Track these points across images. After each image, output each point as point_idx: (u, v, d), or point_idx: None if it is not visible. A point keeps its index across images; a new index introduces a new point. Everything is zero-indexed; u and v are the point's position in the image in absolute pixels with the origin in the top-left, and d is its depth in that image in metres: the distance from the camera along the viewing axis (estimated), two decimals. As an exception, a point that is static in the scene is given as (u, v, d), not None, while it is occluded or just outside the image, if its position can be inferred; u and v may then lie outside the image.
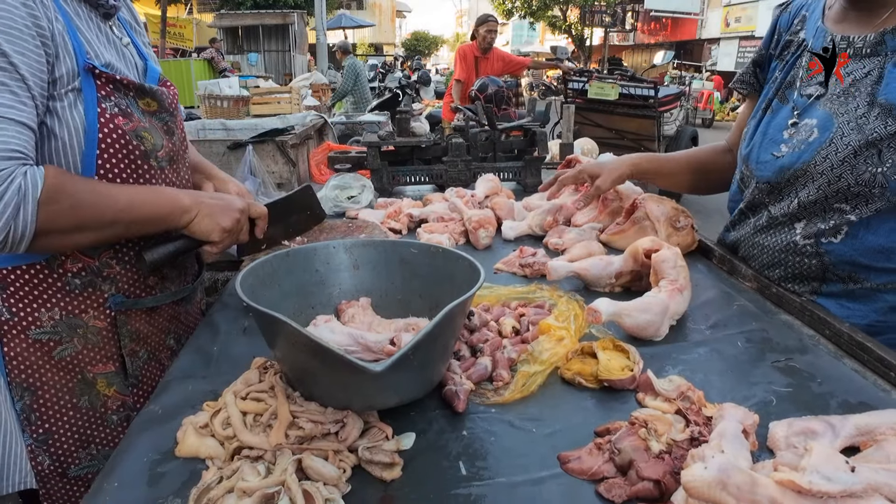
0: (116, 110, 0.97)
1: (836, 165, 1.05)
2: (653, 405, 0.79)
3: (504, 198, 1.69)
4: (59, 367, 1.01)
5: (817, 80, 1.13)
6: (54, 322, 1.00)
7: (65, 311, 1.00)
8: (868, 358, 0.94)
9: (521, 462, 0.72)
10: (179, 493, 0.69)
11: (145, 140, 1.02)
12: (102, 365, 1.05)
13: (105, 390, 1.06)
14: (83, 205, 0.89)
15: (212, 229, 1.03)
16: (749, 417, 0.74)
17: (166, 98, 1.09)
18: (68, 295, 1.00)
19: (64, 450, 1.06)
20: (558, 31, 25.27)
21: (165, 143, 1.08)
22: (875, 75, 1.03)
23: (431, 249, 1.01)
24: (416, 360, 0.73)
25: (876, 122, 1.01)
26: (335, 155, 2.16)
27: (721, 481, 0.59)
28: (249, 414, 0.77)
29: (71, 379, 1.03)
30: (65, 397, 1.03)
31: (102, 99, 0.96)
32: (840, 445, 0.73)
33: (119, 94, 0.99)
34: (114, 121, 0.97)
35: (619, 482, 0.67)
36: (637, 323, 0.98)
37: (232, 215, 1.05)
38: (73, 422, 1.05)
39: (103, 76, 0.96)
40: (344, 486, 0.67)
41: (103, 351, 1.05)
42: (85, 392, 1.05)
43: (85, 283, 1.01)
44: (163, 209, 0.98)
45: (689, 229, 1.40)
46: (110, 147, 0.96)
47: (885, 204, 1.02)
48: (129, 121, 0.99)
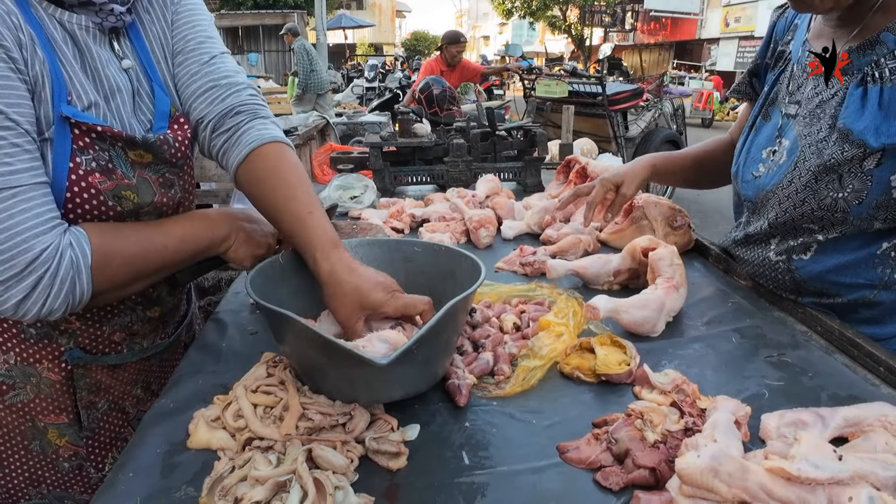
0: (94, 165, 0.84)
1: (800, 189, 1.03)
2: (649, 398, 0.82)
3: (504, 198, 1.72)
4: (10, 409, 0.96)
5: (794, 100, 1.10)
6: (8, 366, 0.94)
7: (20, 358, 0.94)
8: (858, 353, 0.97)
9: (522, 452, 0.75)
10: (192, 482, 0.71)
11: (125, 200, 0.89)
12: (55, 416, 0.98)
13: (56, 440, 0.99)
14: (134, 259, 0.86)
15: (246, 257, 0.99)
16: (741, 409, 0.77)
17: (167, 149, 0.94)
18: (23, 342, 0.94)
19: (14, 485, 1.01)
20: (558, 31, 25.30)
21: (158, 198, 0.94)
22: (840, 97, 1.00)
23: (434, 248, 1.04)
24: (420, 355, 0.75)
25: (834, 147, 0.98)
26: (338, 155, 2.19)
27: (713, 468, 0.62)
28: (259, 406, 0.80)
29: (22, 423, 0.97)
30: (16, 438, 0.97)
31: (78, 152, 0.83)
32: (829, 436, 0.76)
33: (102, 145, 0.86)
34: (87, 178, 0.84)
35: (616, 470, 0.69)
36: (634, 319, 1.01)
37: (266, 242, 1.01)
38: (24, 462, 0.99)
39: (82, 126, 0.83)
40: (352, 475, 0.70)
41: (56, 402, 0.97)
42: (36, 437, 0.98)
43: (40, 335, 0.94)
44: (202, 244, 0.95)
45: (685, 228, 1.42)
46: (78, 207, 0.84)
47: (849, 228, 1.01)
48: (108, 179, 0.86)
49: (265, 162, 0.97)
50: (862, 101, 0.96)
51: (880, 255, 1.02)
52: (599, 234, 1.49)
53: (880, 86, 0.94)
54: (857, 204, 0.97)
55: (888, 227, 1.00)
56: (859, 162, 0.96)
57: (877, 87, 0.95)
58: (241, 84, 1.03)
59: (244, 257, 0.99)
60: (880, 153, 0.94)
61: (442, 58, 5.51)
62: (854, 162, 0.96)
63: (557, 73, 7.09)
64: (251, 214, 1.03)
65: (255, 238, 1.00)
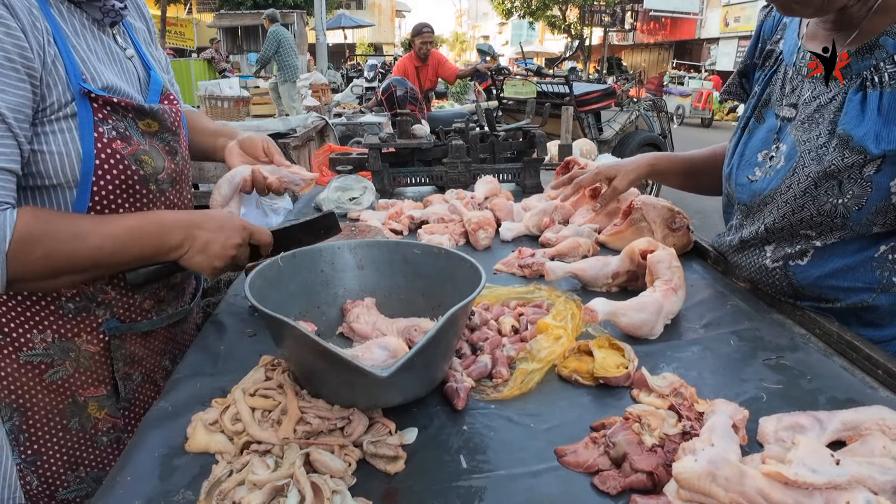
0: (114, 134, 0.94)
1: (798, 195, 1.03)
2: (647, 401, 0.82)
3: (503, 199, 1.72)
4: (49, 389, 1.00)
5: (790, 102, 1.09)
6: (47, 344, 0.98)
7: (57, 335, 0.99)
8: (856, 356, 0.97)
9: (520, 456, 0.75)
10: (191, 486, 0.71)
11: (145, 164, 0.98)
12: (94, 388, 1.03)
13: (96, 413, 1.04)
14: (58, 253, 0.85)
15: (203, 268, 0.97)
16: (739, 413, 0.77)
17: (168, 117, 1.05)
18: (61, 318, 0.98)
19: (52, 472, 1.04)
20: (557, 31, 25.30)
21: (167, 164, 1.04)
22: (838, 102, 0.99)
23: (434, 250, 1.04)
24: (419, 363, 0.75)
25: (834, 154, 0.97)
26: (337, 156, 2.19)
27: (710, 473, 0.62)
28: (257, 410, 0.80)
29: (62, 401, 1.01)
30: (55, 419, 1.01)
31: (99, 123, 0.92)
32: (827, 440, 0.76)
33: (117, 116, 0.95)
34: (111, 146, 0.93)
35: (614, 474, 0.69)
36: (632, 322, 1.01)
37: (227, 252, 0.98)
38: (63, 443, 1.03)
39: (100, 99, 0.92)
40: (350, 479, 0.70)
41: (95, 374, 1.03)
42: (75, 414, 1.03)
43: (79, 308, 0.99)
44: (147, 250, 0.93)
45: (684, 230, 1.42)
46: (107, 174, 0.93)
47: (849, 233, 1.01)
48: (128, 144, 0.96)
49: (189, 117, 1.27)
50: (861, 107, 0.95)
51: (878, 259, 1.02)
52: (598, 237, 1.49)
53: (880, 91, 0.94)
54: (856, 210, 0.97)
55: (886, 230, 1.00)
56: (859, 168, 0.95)
57: (876, 93, 0.94)
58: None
59: (200, 267, 0.97)
60: (880, 159, 0.93)
61: (414, 53, 5.52)
62: (854, 168, 0.96)
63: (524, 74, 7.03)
64: (220, 221, 1.00)
65: (213, 248, 0.96)
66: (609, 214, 1.56)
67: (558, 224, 1.57)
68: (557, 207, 1.61)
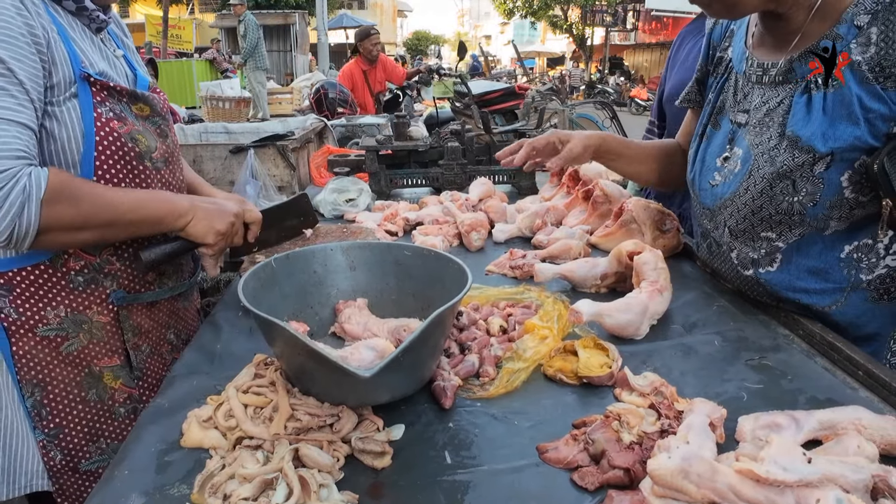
0: (111, 115, 1.03)
1: (756, 196, 1.06)
2: (628, 400, 0.85)
3: (497, 201, 1.74)
4: (66, 361, 1.06)
5: (742, 108, 1.11)
6: (60, 319, 1.05)
7: (70, 308, 1.05)
8: (838, 357, 0.99)
9: (503, 452, 0.78)
10: (185, 479, 0.74)
11: (139, 142, 1.07)
12: (108, 358, 1.10)
13: (112, 383, 1.11)
14: (84, 205, 0.94)
15: (207, 232, 1.07)
16: (717, 411, 0.79)
17: (158, 103, 1.15)
18: (72, 292, 1.05)
19: (74, 444, 1.10)
20: (559, 31, 25.28)
21: (159, 145, 1.13)
22: (786, 105, 1.02)
23: (424, 252, 1.06)
24: (406, 362, 0.78)
25: (785, 154, 1.00)
26: (334, 158, 2.21)
27: (683, 470, 0.64)
28: (250, 407, 0.82)
29: (79, 373, 1.07)
30: (73, 391, 1.08)
31: (98, 104, 1.01)
32: (803, 439, 0.78)
33: (113, 99, 1.05)
34: (109, 124, 1.02)
35: (592, 470, 0.72)
36: (618, 322, 1.03)
37: (226, 219, 1.10)
38: (83, 416, 1.09)
39: (98, 83, 1.02)
40: (337, 474, 0.73)
41: (108, 345, 1.10)
42: (93, 385, 1.09)
43: (88, 280, 1.06)
44: (159, 212, 1.03)
45: (674, 232, 1.45)
46: (107, 149, 1.02)
47: (808, 229, 1.04)
48: (124, 124, 1.05)
49: None
50: (807, 108, 0.99)
51: (845, 259, 1.05)
52: (590, 238, 1.51)
53: (824, 92, 0.97)
54: (811, 206, 1.00)
55: (844, 227, 1.02)
56: (810, 166, 0.99)
57: (820, 94, 0.97)
58: None
59: (204, 232, 1.07)
60: (829, 156, 0.97)
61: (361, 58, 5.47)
62: (805, 167, 0.99)
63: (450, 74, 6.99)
64: (213, 199, 1.16)
65: (215, 214, 1.09)
66: (601, 216, 1.59)
67: (551, 226, 1.60)
68: (550, 209, 1.63)
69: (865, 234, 1.03)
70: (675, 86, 1.83)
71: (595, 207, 1.59)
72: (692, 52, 1.81)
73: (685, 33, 1.92)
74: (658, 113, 1.99)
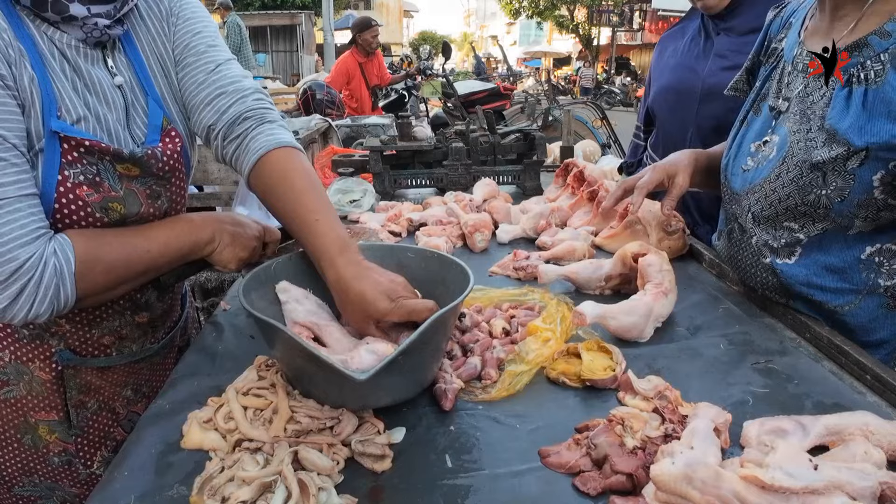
0: (81, 178, 0.87)
1: (786, 184, 1.06)
2: (631, 404, 0.84)
3: (501, 201, 1.73)
4: (5, 404, 1.00)
5: (785, 96, 1.13)
6: (3, 363, 0.98)
7: (14, 356, 0.99)
8: (846, 361, 0.97)
9: (504, 456, 0.77)
10: (185, 481, 0.74)
11: (111, 212, 0.91)
12: (45, 413, 1.02)
13: (46, 436, 1.03)
14: (116, 265, 0.89)
15: (230, 261, 1.02)
16: (721, 416, 0.78)
17: (154, 163, 0.96)
18: (17, 342, 0.98)
19: (9, 473, 1.05)
20: (565, 31, 25.23)
21: (144, 209, 0.96)
22: (827, 98, 1.02)
23: (427, 254, 1.05)
24: (406, 365, 0.77)
25: (822, 147, 1.01)
26: (339, 158, 2.21)
27: (687, 476, 0.63)
28: (250, 409, 0.82)
29: (16, 417, 1.01)
30: (10, 431, 1.02)
31: (66, 165, 0.86)
32: (809, 444, 0.77)
33: (90, 158, 0.88)
34: (75, 191, 0.87)
35: (595, 475, 0.71)
36: (622, 325, 1.02)
37: (250, 245, 1.04)
38: (17, 453, 1.03)
39: (72, 140, 0.86)
40: (337, 477, 0.72)
41: (47, 400, 1.01)
42: (28, 432, 1.02)
43: (33, 335, 0.98)
44: (185, 246, 0.97)
45: (680, 233, 1.43)
46: (66, 218, 0.88)
47: (831, 224, 1.03)
48: (96, 191, 0.89)
49: (273, 169, 1.00)
50: (847, 102, 0.99)
51: (865, 261, 1.04)
52: (595, 239, 1.50)
53: (865, 87, 0.97)
54: (839, 201, 1.00)
55: (869, 228, 1.02)
56: (843, 161, 0.98)
57: (861, 89, 0.97)
58: (248, 89, 1.05)
59: (229, 260, 1.02)
60: (864, 153, 0.96)
61: (358, 49, 5.38)
62: (839, 161, 0.98)
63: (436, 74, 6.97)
64: (236, 218, 1.06)
65: (240, 241, 1.02)
66: (605, 217, 1.58)
67: (555, 227, 1.59)
68: (554, 210, 1.62)
69: (889, 239, 1.02)
70: (662, 88, 1.82)
71: (600, 208, 1.58)
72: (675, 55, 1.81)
73: (666, 37, 1.93)
74: (645, 118, 1.99)
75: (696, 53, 1.75)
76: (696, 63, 1.73)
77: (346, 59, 5.44)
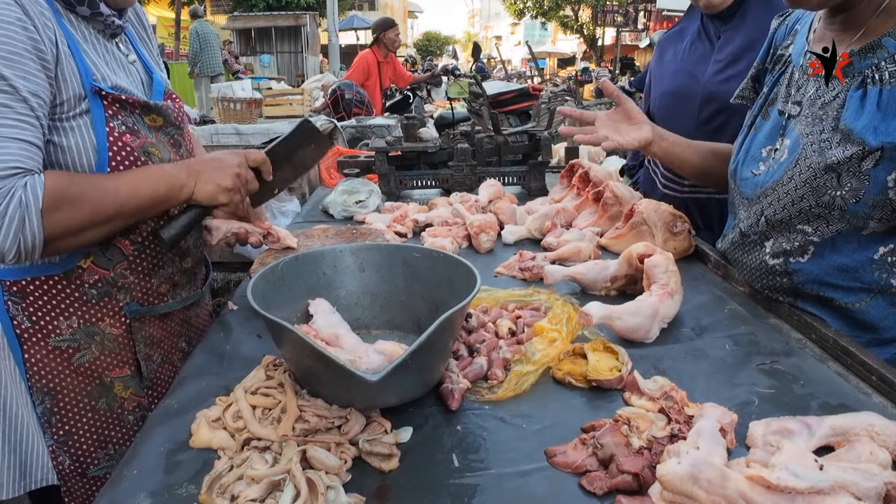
0: (124, 128, 1.03)
1: (799, 186, 1.06)
2: (637, 404, 0.84)
3: (506, 202, 1.73)
4: (77, 372, 1.07)
5: (795, 100, 1.13)
6: (73, 330, 1.05)
7: (82, 320, 1.06)
8: (851, 362, 0.97)
9: (511, 456, 0.77)
10: (193, 480, 0.75)
11: (153, 155, 1.07)
12: (119, 369, 1.11)
13: (121, 392, 1.12)
14: (85, 205, 0.93)
15: (215, 192, 1.06)
16: (727, 416, 0.78)
17: (172, 112, 1.15)
18: (85, 304, 1.05)
19: (83, 450, 1.11)
20: (570, 31, 25.19)
21: (173, 156, 1.13)
22: (841, 99, 1.03)
23: (433, 254, 1.06)
24: (414, 365, 0.78)
25: (836, 147, 1.01)
26: (344, 159, 2.22)
27: (693, 476, 0.64)
28: (258, 408, 0.82)
29: (89, 383, 1.08)
30: (84, 400, 1.09)
31: (110, 118, 1.01)
32: (815, 445, 0.77)
33: (125, 112, 1.05)
34: (122, 139, 1.02)
35: (601, 475, 0.71)
36: (627, 326, 1.02)
37: (230, 171, 1.08)
38: (92, 423, 1.11)
39: (110, 97, 1.01)
40: (344, 476, 0.73)
41: (119, 356, 1.11)
42: (102, 395, 1.10)
43: (101, 293, 1.07)
44: (159, 189, 1.01)
45: (685, 234, 1.43)
46: (120, 164, 1.02)
47: (846, 226, 1.03)
48: (137, 137, 1.05)
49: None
50: (861, 102, 1.00)
51: (878, 261, 1.05)
52: (600, 240, 1.50)
53: (879, 88, 0.98)
54: (854, 202, 1.00)
55: (883, 228, 1.02)
56: (858, 161, 0.99)
57: (876, 89, 0.99)
58: None
59: (213, 194, 1.07)
60: (878, 153, 0.97)
61: (379, 48, 5.45)
62: (853, 161, 0.99)
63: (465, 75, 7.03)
64: (213, 155, 1.15)
65: (218, 173, 1.07)
66: (611, 218, 1.58)
67: (560, 228, 1.59)
68: (560, 211, 1.62)
69: None
70: (663, 94, 1.82)
71: (605, 209, 1.58)
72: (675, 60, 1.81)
73: (664, 42, 1.93)
74: None
75: (697, 58, 1.75)
76: (697, 68, 1.73)
77: (366, 56, 5.50)
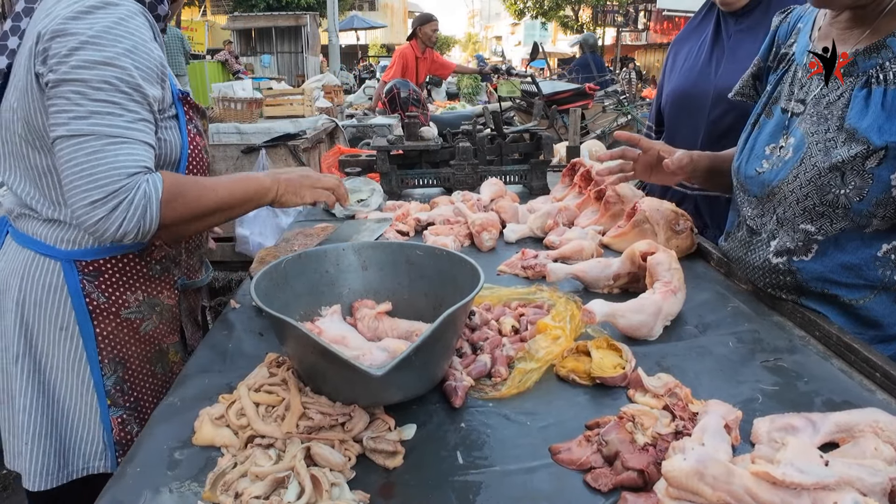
0: (195, 131, 1.20)
1: (803, 184, 1.07)
2: (642, 401, 0.84)
3: (508, 201, 1.73)
4: (143, 340, 1.19)
5: (799, 98, 1.13)
6: (139, 302, 1.18)
7: (146, 293, 1.19)
8: (855, 358, 0.97)
9: (515, 453, 0.77)
10: (196, 477, 0.74)
11: (209, 155, 1.25)
12: (171, 336, 1.25)
13: (173, 357, 1.25)
14: (193, 200, 1.07)
15: (296, 203, 1.23)
16: (732, 413, 0.78)
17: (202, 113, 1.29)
18: (150, 279, 1.19)
19: (148, 414, 1.18)
20: (570, 31, 25.17)
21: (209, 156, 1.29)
22: (845, 99, 1.03)
23: (436, 252, 1.06)
24: (418, 362, 0.78)
25: (841, 147, 1.01)
26: (346, 158, 2.22)
27: (698, 472, 0.64)
28: (262, 405, 0.82)
29: (150, 350, 1.21)
30: (146, 366, 1.20)
31: (188, 122, 1.17)
32: (819, 441, 0.77)
33: (196, 116, 1.22)
34: (196, 139, 1.19)
35: (606, 472, 0.71)
36: (630, 323, 1.02)
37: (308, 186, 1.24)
38: (152, 387, 1.22)
39: (189, 101, 1.18)
40: (349, 473, 0.73)
41: (171, 324, 1.25)
42: (158, 360, 1.23)
43: (163, 269, 1.21)
44: (249, 192, 1.16)
45: (688, 232, 1.43)
46: (193, 161, 1.18)
47: (849, 224, 1.04)
48: (203, 138, 1.23)
49: None
50: (866, 102, 1.00)
51: (881, 258, 1.05)
52: (602, 238, 1.50)
53: (884, 88, 0.98)
54: (857, 200, 1.01)
55: (886, 226, 1.02)
56: (862, 160, 0.99)
57: (880, 89, 0.99)
58: None
59: (293, 204, 1.23)
60: (882, 152, 0.97)
61: (417, 43, 5.46)
62: (857, 160, 0.99)
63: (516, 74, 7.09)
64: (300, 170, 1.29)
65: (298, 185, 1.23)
66: (613, 217, 1.58)
67: (562, 226, 1.59)
68: (562, 210, 1.62)
69: None
70: (674, 91, 1.82)
71: (607, 208, 1.58)
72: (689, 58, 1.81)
73: (679, 40, 1.93)
74: (656, 118, 1.99)
75: (709, 57, 1.75)
76: (708, 66, 1.73)
77: (404, 51, 5.52)
